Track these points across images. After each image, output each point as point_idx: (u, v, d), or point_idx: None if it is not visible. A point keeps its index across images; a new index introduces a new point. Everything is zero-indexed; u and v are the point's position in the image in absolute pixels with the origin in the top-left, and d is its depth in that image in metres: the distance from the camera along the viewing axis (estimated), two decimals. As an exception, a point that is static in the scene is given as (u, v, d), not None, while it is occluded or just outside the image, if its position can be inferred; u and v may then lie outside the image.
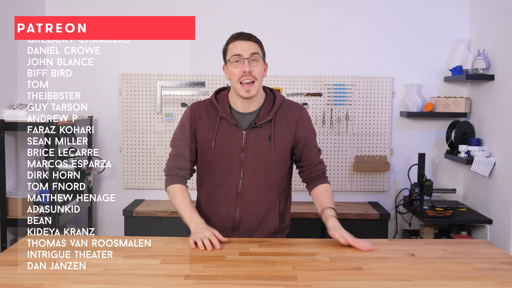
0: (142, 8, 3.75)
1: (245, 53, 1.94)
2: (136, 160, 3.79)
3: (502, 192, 3.18)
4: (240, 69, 1.93)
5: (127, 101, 3.76)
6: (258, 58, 1.96)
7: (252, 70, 1.93)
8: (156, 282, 1.56)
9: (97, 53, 3.90)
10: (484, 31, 3.50)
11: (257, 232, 2.09)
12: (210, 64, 3.74)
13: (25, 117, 3.11)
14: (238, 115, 2.02)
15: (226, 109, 2.01)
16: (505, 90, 3.19)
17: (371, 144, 3.78)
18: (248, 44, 1.95)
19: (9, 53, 3.24)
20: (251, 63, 1.94)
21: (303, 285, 1.55)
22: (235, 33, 2.00)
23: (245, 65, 1.92)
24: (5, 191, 3.09)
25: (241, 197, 2.04)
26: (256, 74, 1.94)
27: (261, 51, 1.99)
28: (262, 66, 1.98)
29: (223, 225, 2.07)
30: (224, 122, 2.01)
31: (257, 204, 2.05)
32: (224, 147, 2.00)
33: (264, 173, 2.03)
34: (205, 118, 2.02)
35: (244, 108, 2.02)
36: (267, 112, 2.01)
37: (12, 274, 1.62)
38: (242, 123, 2.01)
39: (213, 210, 2.09)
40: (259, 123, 1.99)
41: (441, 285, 1.57)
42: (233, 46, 1.97)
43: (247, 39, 1.97)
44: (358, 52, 3.76)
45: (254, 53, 1.95)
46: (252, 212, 2.06)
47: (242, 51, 1.94)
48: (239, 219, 2.06)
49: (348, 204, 3.73)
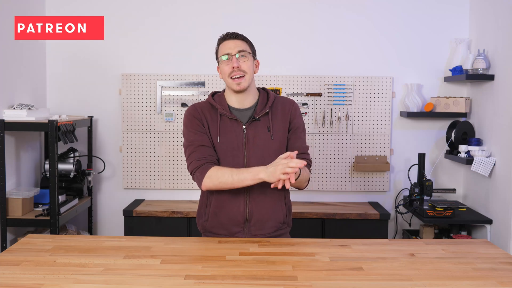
0: (142, 7, 3.75)
1: (233, 51, 2.05)
2: (136, 160, 3.79)
3: (502, 192, 3.18)
4: (229, 66, 2.05)
5: (127, 101, 3.76)
6: (245, 54, 2.07)
7: (240, 65, 2.04)
8: (156, 282, 1.56)
9: (97, 53, 3.93)
10: (484, 31, 3.50)
11: (268, 222, 2.12)
12: (210, 64, 3.73)
13: (25, 117, 3.10)
14: (235, 111, 2.12)
15: (224, 107, 2.11)
16: (505, 90, 3.19)
17: (371, 144, 3.78)
18: (235, 43, 2.07)
19: (9, 53, 3.24)
20: (239, 59, 2.05)
21: (303, 285, 1.55)
22: (223, 34, 2.12)
23: (234, 61, 2.04)
24: (5, 191, 3.08)
25: (250, 189, 2.07)
26: (245, 68, 2.05)
27: (249, 48, 2.10)
28: (251, 61, 2.08)
29: (235, 219, 2.09)
30: (225, 118, 2.10)
31: (265, 193, 2.10)
32: (228, 141, 2.08)
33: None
34: (207, 115, 2.12)
35: (240, 104, 2.12)
36: (263, 106, 2.12)
37: (12, 274, 1.62)
38: (241, 118, 2.10)
39: (223, 205, 2.10)
40: (257, 116, 2.09)
41: (441, 285, 1.57)
42: (222, 46, 2.09)
43: (234, 37, 2.08)
44: (358, 52, 3.76)
45: (241, 50, 2.05)
46: (261, 202, 2.10)
47: (229, 50, 2.06)
48: (249, 210, 2.09)
49: (348, 204, 3.73)
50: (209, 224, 2.13)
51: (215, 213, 2.11)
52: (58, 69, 3.79)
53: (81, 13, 3.73)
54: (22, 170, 3.45)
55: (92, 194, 3.78)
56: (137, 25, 3.75)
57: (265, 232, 2.11)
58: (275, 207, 2.13)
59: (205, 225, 2.15)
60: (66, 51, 3.77)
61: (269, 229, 2.12)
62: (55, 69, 3.79)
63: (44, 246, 1.90)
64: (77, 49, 3.77)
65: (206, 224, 2.14)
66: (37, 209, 3.29)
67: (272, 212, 2.12)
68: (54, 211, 3.10)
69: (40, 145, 3.74)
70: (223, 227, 2.11)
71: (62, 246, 1.92)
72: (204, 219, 2.15)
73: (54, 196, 3.11)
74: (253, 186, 2.06)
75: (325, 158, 3.77)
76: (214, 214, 2.11)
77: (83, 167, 3.67)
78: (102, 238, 2.05)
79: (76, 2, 3.74)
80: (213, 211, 2.11)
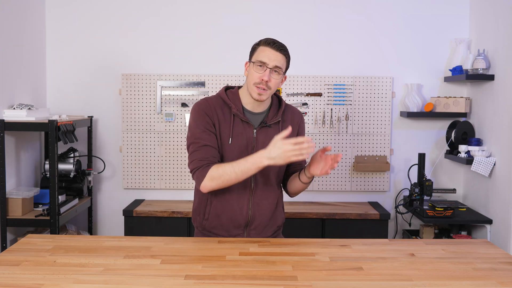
0: (142, 7, 3.75)
1: (270, 63, 1.98)
2: (136, 160, 3.79)
3: (502, 192, 3.18)
4: (260, 75, 1.98)
5: (127, 101, 3.76)
6: (280, 71, 2.01)
7: (270, 80, 1.98)
8: (156, 282, 1.56)
9: (97, 53, 3.93)
10: (484, 31, 3.50)
11: (267, 227, 2.14)
12: (210, 64, 3.75)
13: (25, 117, 3.10)
14: (248, 114, 2.08)
15: (238, 107, 2.06)
16: (505, 90, 3.19)
17: (371, 144, 3.78)
18: (276, 55, 1.99)
19: (9, 53, 3.24)
20: (272, 74, 1.99)
21: (303, 285, 1.55)
22: (270, 39, 2.04)
23: (266, 74, 1.98)
24: (5, 191, 3.08)
25: (254, 193, 2.08)
26: (271, 85, 2.00)
27: (285, 65, 2.05)
28: (280, 78, 2.04)
29: (236, 222, 2.09)
30: (238, 119, 2.05)
31: (268, 199, 2.11)
32: (238, 144, 2.04)
33: (273, 171, 2.10)
34: (219, 113, 2.05)
35: (254, 108, 2.08)
36: (274, 113, 2.10)
37: (12, 274, 1.62)
38: (253, 122, 2.07)
39: (226, 207, 2.08)
40: (269, 123, 2.07)
41: (441, 285, 1.57)
42: (262, 50, 2.01)
43: (277, 49, 2.00)
44: (358, 52, 3.76)
45: (278, 66, 1.99)
46: (263, 207, 2.10)
47: (268, 60, 1.98)
48: (252, 214, 2.09)
49: (348, 204, 3.73)
50: (208, 224, 2.13)
51: (217, 214, 2.10)
52: (58, 69, 3.79)
53: (81, 13, 3.74)
54: (22, 170, 3.45)
55: (92, 194, 3.78)
56: (137, 25, 3.75)
57: (263, 236, 2.13)
58: (275, 211, 2.16)
59: (204, 223, 2.14)
60: (66, 51, 3.77)
61: (267, 233, 2.15)
62: (55, 69, 3.79)
63: (44, 246, 1.90)
64: (77, 49, 3.77)
65: (206, 223, 2.14)
66: (37, 209, 3.29)
67: (273, 216, 2.15)
68: (54, 211, 3.10)
69: (40, 145, 3.74)
70: (224, 228, 2.11)
71: (62, 246, 1.92)
72: (203, 218, 2.14)
73: (54, 196, 3.11)
74: (256, 190, 2.08)
75: (325, 158, 3.77)
76: (215, 214, 2.10)
77: (83, 167, 3.67)
78: (102, 238, 2.05)
79: (76, 2, 3.74)
80: (215, 212, 2.10)
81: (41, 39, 3.70)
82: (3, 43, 3.16)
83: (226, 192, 2.07)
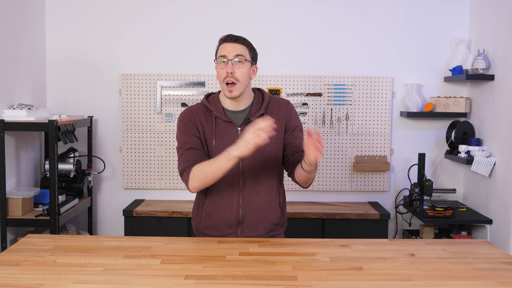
0: (141, 6, 3.75)
1: (230, 55, 2.01)
2: (136, 160, 3.79)
3: (502, 192, 3.18)
4: (224, 70, 2.01)
5: (127, 101, 3.76)
6: (242, 60, 2.01)
7: (234, 71, 1.99)
8: (156, 282, 1.56)
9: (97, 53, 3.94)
10: (484, 31, 3.50)
11: (261, 224, 2.11)
12: (210, 64, 3.74)
13: (25, 117, 3.10)
14: (230, 114, 2.10)
15: (219, 109, 2.09)
16: (505, 90, 3.19)
17: (371, 144, 3.78)
18: (234, 46, 2.02)
19: (9, 53, 3.24)
20: (235, 65, 2.00)
21: (303, 285, 1.55)
22: (224, 35, 2.07)
23: (228, 66, 2.00)
24: (5, 191, 3.08)
25: (243, 190, 2.08)
26: (238, 76, 2.00)
27: (248, 54, 2.05)
28: (246, 68, 2.03)
29: (227, 221, 2.09)
30: (220, 120, 2.08)
31: (258, 195, 2.09)
32: (223, 144, 2.04)
33: (262, 165, 2.09)
34: (202, 118, 2.09)
35: (234, 106, 2.10)
36: (258, 107, 2.10)
37: (12, 274, 1.62)
38: (236, 121, 2.09)
39: (215, 207, 2.10)
40: (252, 118, 2.06)
41: (441, 285, 1.57)
42: (221, 47, 2.04)
43: (234, 41, 2.03)
44: (358, 52, 3.76)
45: (238, 55, 2.01)
46: (254, 203, 2.09)
47: (227, 53, 2.01)
48: (242, 212, 2.08)
49: (348, 204, 3.73)
50: (202, 226, 2.14)
51: (208, 215, 2.11)
52: (58, 69, 3.79)
53: (81, 12, 3.74)
54: (22, 170, 3.45)
55: (92, 194, 3.78)
56: (137, 25, 3.75)
57: (257, 234, 2.11)
58: (268, 208, 2.12)
59: (198, 226, 2.16)
60: (66, 51, 3.77)
61: (261, 231, 2.12)
62: (55, 69, 3.79)
63: (44, 246, 1.90)
64: (77, 49, 3.77)
65: (199, 226, 2.15)
66: (37, 209, 3.29)
67: (265, 213, 2.11)
68: (54, 211, 3.10)
69: (40, 145, 3.74)
70: (216, 228, 2.11)
71: (62, 246, 1.92)
72: (197, 221, 2.17)
73: (54, 196, 3.11)
74: (246, 187, 2.07)
75: (325, 158, 3.77)
76: (206, 215, 2.11)
77: (83, 167, 3.67)
78: (102, 238, 2.05)
79: (76, 2, 3.74)
80: (206, 213, 2.11)
81: (41, 39, 3.70)
82: (3, 43, 3.16)
83: (215, 192, 2.08)
